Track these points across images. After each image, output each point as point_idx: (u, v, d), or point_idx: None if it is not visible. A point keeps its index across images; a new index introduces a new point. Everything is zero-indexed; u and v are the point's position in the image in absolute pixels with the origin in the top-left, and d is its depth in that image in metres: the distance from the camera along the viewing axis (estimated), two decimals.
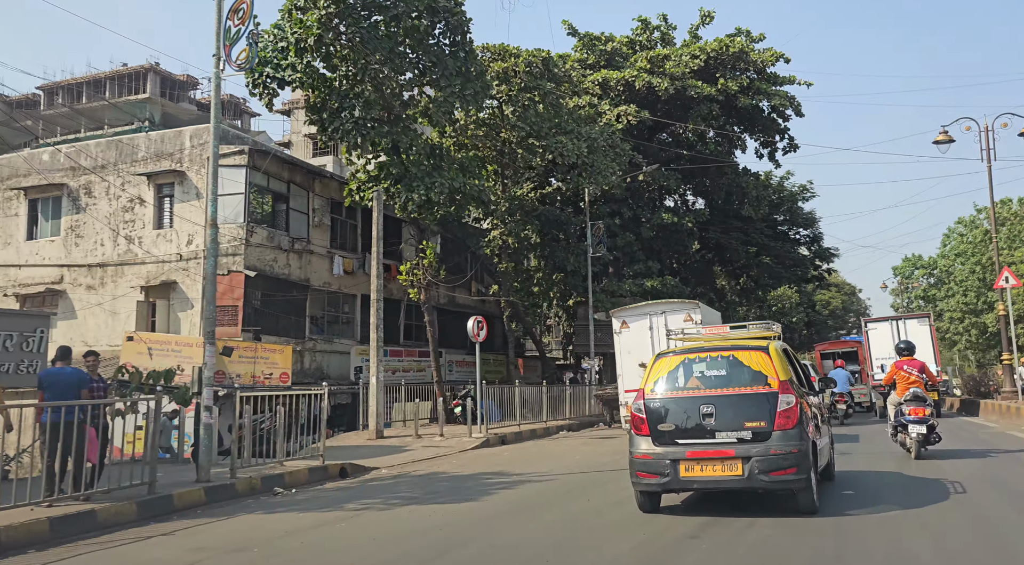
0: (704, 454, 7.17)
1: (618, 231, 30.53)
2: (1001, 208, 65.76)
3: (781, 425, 7.03)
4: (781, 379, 7.26)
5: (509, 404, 21.69)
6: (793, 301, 55.98)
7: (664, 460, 7.27)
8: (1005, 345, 21.10)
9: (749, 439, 7.08)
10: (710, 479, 7.19)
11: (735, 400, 7.31)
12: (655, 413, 7.52)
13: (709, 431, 7.22)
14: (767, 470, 6.93)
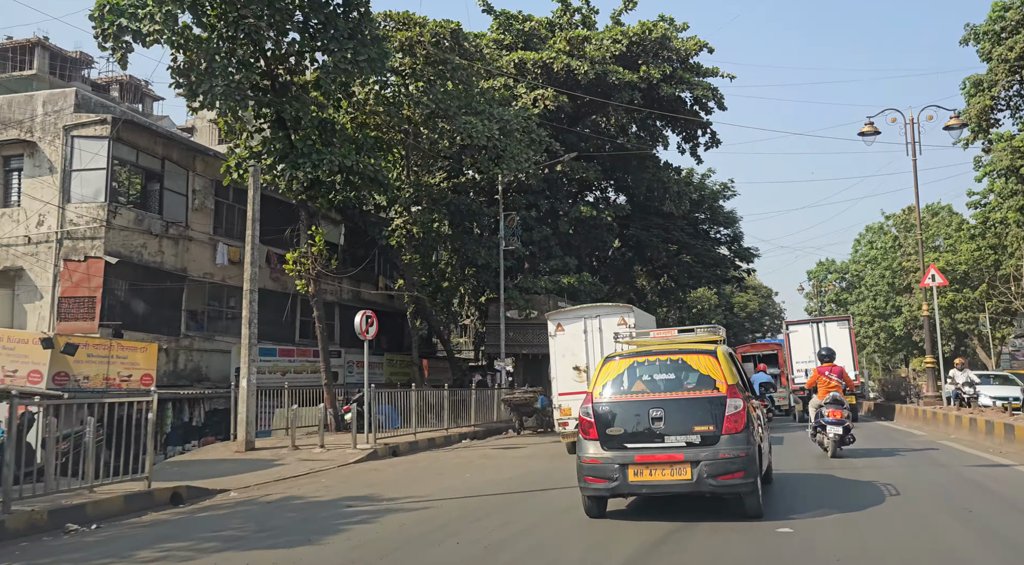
0: (653, 458, 7.09)
1: (534, 224, 28.62)
2: (908, 215, 67.26)
3: (729, 429, 7.01)
4: (729, 383, 7.24)
5: (408, 409, 19.38)
6: (712, 302, 55.41)
7: (613, 464, 7.18)
8: (929, 348, 20.07)
9: (698, 443, 7.03)
10: (659, 483, 7.11)
11: (684, 404, 7.24)
12: (604, 417, 7.39)
13: (658, 435, 7.15)
14: (715, 474, 6.90)
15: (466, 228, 27.77)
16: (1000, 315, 54.74)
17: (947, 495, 8.62)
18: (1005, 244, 46.60)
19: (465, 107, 21.67)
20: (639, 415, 7.28)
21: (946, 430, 15.74)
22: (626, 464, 7.14)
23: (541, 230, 28.45)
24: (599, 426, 7.37)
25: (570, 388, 14.88)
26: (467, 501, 9.49)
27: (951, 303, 55.39)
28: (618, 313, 15.14)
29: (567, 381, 15.13)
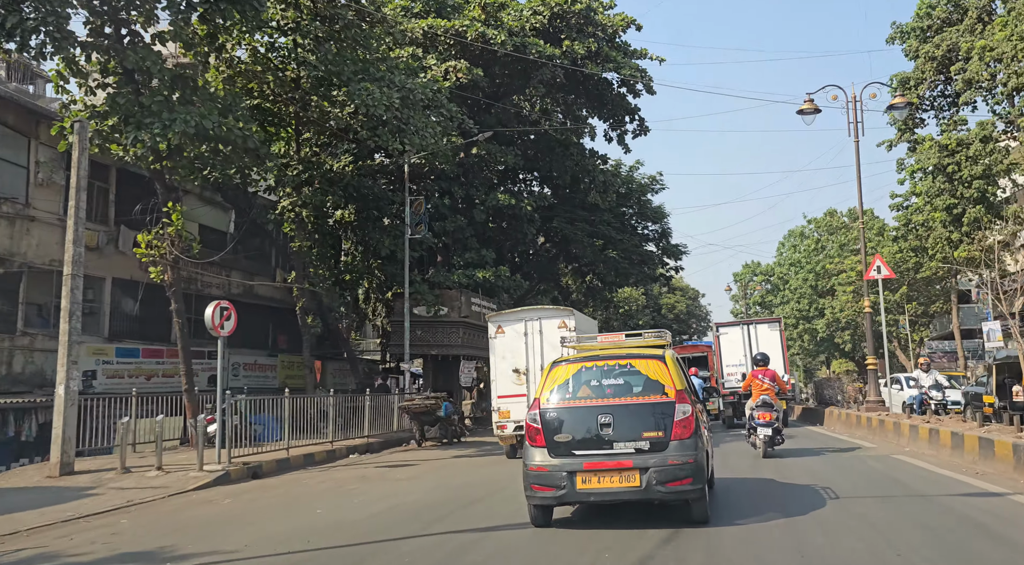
0: (602, 465, 6.87)
1: (448, 213, 25.79)
2: (830, 218, 67.27)
3: (678, 435, 6.85)
4: (678, 388, 7.09)
5: (293, 419, 16.27)
6: (640, 303, 53.62)
7: (560, 472, 6.94)
8: (871, 348, 18.13)
9: (647, 449, 6.86)
10: (608, 491, 6.91)
11: (633, 410, 7.08)
12: (551, 423, 7.17)
13: (607, 441, 6.95)
14: (664, 481, 6.74)
15: (373, 216, 24.73)
16: (919, 317, 54.76)
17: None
18: (926, 246, 46.29)
19: (362, 73, 18.69)
20: (587, 421, 7.07)
21: (897, 441, 13.63)
22: (574, 471, 6.91)
23: (455, 219, 25.64)
24: (546, 433, 7.13)
25: (510, 391, 14.47)
26: (289, 560, 6.59)
27: (873, 305, 55.13)
28: (559, 316, 14.72)
29: (507, 384, 14.59)
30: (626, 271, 32.19)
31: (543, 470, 6.99)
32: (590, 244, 30.72)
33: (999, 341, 41.66)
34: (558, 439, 7.05)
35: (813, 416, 23.50)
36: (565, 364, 7.53)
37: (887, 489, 9.12)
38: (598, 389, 7.20)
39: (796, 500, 8.38)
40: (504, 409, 14.31)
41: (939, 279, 53.19)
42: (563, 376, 7.37)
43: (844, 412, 18.19)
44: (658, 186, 34.25)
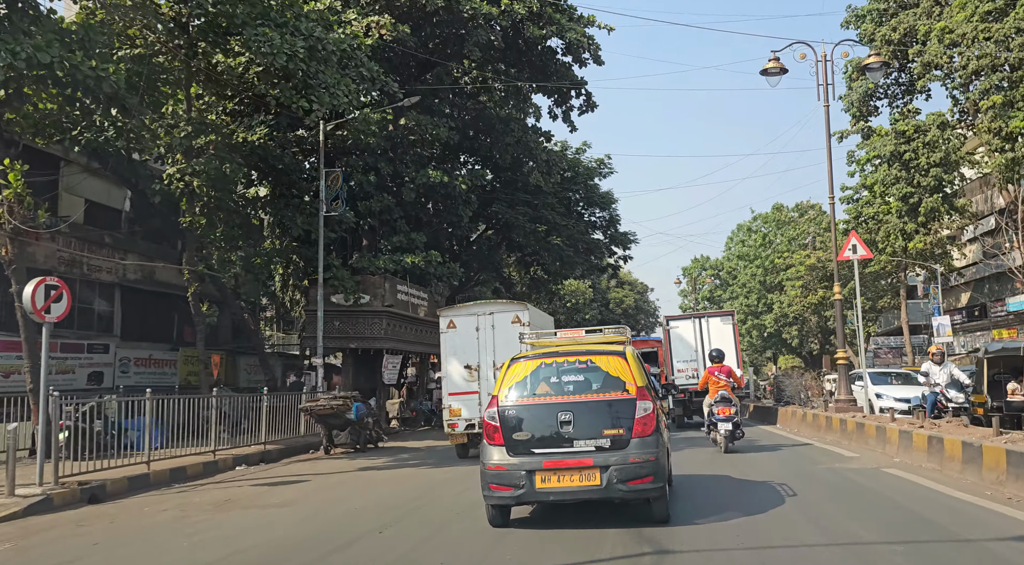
0: (562, 463, 6.67)
1: (373, 191, 22.94)
2: (777, 213, 66.28)
3: (639, 432, 6.67)
4: (639, 384, 6.89)
5: (175, 423, 13.31)
6: (587, 297, 51.42)
7: (519, 471, 6.70)
8: (841, 341, 16.00)
9: (607, 447, 6.67)
10: (567, 490, 6.68)
11: (593, 407, 6.85)
12: (510, 421, 6.92)
13: (567, 439, 6.75)
14: (625, 479, 6.56)
15: (290, 194, 21.74)
16: (867, 313, 53.89)
17: None
18: (877, 240, 45.16)
19: (262, 18, 15.78)
20: (547, 419, 6.86)
21: (883, 450, 11.37)
22: (533, 470, 6.68)
23: (382, 198, 22.80)
24: (505, 431, 6.87)
25: (460, 388, 14.03)
26: None
27: (822, 300, 54.16)
28: (512, 310, 14.21)
29: (457, 380, 14.13)
30: (571, 260, 29.76)
31: (501, 469, 6.75)
32: (532, 230, 28.20)
33: (949, 336, 40.65)
34: (517, 437, 6.83)
35: (767, 415, 21.45)
36: (524, 360, 7.27)
37: (885, 514, 6.84)
38: (558, 386, 7.00)
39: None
40: (455, 407, 13.74)
41: (887, 274, 52.40)
42: (522, 373, 7.12)
43: (808, 412, 16.03)
44: (606, 170, 31.97)
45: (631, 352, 7.33)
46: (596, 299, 55.20)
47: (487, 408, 7.12)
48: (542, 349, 7.76)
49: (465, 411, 13.53)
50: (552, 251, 29.01)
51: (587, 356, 7.13)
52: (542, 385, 7.03)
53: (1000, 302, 45.68)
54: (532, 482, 6.64)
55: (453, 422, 13.73)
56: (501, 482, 6.74)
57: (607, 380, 6.90)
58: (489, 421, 6.94)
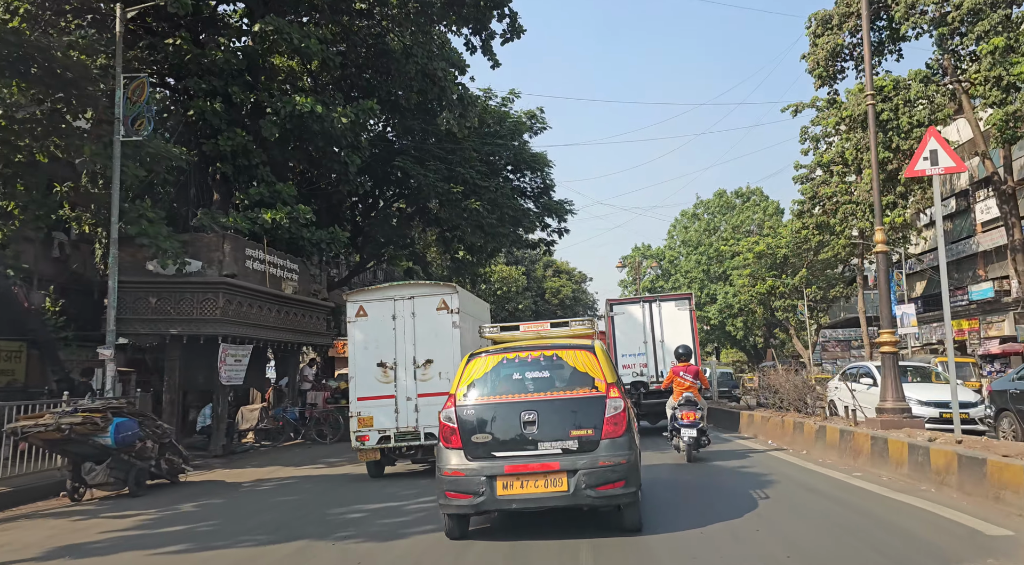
0: (525, 468, 5.98)
1: (223, 125, 16.67)
2: (719, 199, 62.07)
3: (609, 433, 5.99)
4: (608, 381, 6.20)
5: None
6: (520, 285, 45.73)
7: (479, 477, 6.00)
8: (887, 320, 10.52)
9: (575, 449, 5.98)
10: (532, 497, 5.97)
11: (560, 405, 6.12)
12: (468, 422, 6.18)
13: (531, 441, 6.03)
14: (595, 484, 5.89)
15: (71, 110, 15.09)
16: (818, 303, 49.82)
17: None
18: (833, 223, 40.87)
19: None
20: (509, 419, 6.12)
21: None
22: (494, 476, 5.98)
23: (233, 135, 16.55)
24: (463, 433, 6.17)
25: (373, 391, 10.83)
26: None
27: (770, 290, 49.88)
28: (438, 294, 11.05)
29: (369, 382, 10.89)
30: (495, 231, 23.91)
31: (459, 474, 6.04)
32: (446, 192, 22.26)
33: (913, 326, 36.43)
34: (476, 439, 6.12)
35: (724, 419, 16.26)
36: (483, 356, 6.54)
37: None
38: (521, 383, 6.30)
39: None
40: (366, 415, 10.94)
41: (841, 260, 48.44)
42: (481, 369, 6.42)
43: (828, 425, 10.48)
44: (537, 125, 26.23)
45: (600, 346, 6.64)
46: (530, 288, 49.62)
47: (443, 408, 6.34)
48: (503, 344, 7.02)
49: (379, 419, 10.82)
50: (471, 218, 23.08)
51: (552, 350, 6.44)
52: (503, 383, 6.31)
53: (960, 290, 41.99)
54: (493, 489, 5.93)
55: (363, 434, 10.91)
56: (459, 489, 6.01)
57: (574, 376, 6.23)
58: (446, 422, 6.23)
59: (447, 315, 10.68)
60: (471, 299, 12.73)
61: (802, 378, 13.39)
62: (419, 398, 10.56)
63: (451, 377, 8.70)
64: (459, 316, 10.71)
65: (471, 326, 10.92)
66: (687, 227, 62.26)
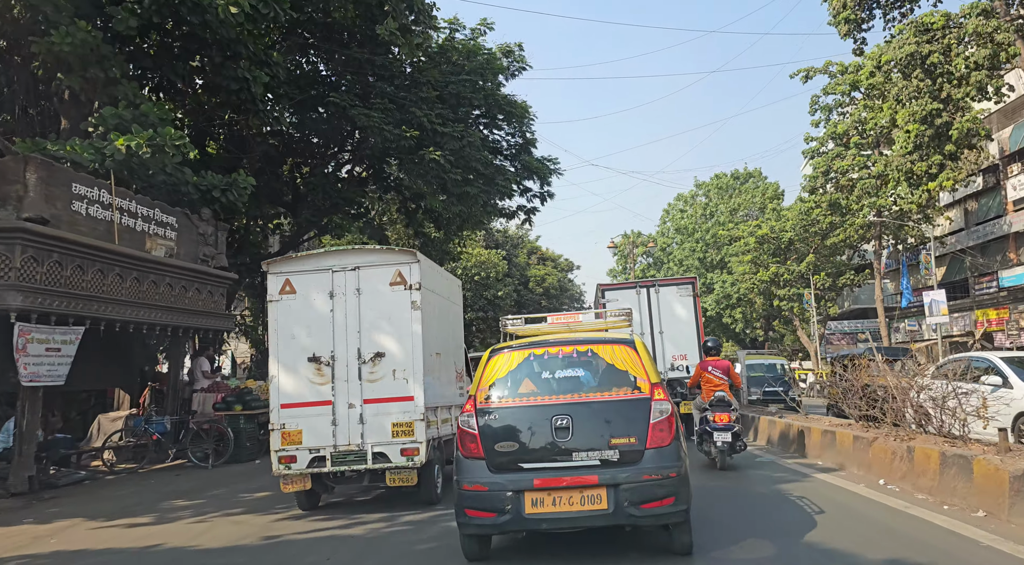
0: (558, 482, 5.09)
1: (61, 18, 11.56)
2: (716, 180, 57.24)
3: (656, 441, 5.12)
4: (652, 381, 5.33)
5: None
6: (500, 270, 40.69)
7: (504, 492, 5.12)
8: None
9: (616, 461, 5.10)
10: (565, 516, 5.07)
11: (597, 409, 5.26)
12: (491, 428, 5.30)
13: (564, 451, 5.16)
14: (639, 501, 5.01)
15: None
16: (825, 291, 45.06)
17: None
18: (848, 202, 36.08)
19: None
20: (539, 425, 5.25)
21: None
22: (521, 491, 5.11)
23: (76, 30, 11.41)
24: (484, 440, 5.29)
25: (302, 396, 8.00)
26: None
27: (773, 277, 45.11)
28: (391, 264, 8.18)
29: (297, 383, 8.03)
30: (461, 190, 18.81)
31: (481, 489, 5.19)
32: (395, 137, 17.25)
33: (944, 314, 31.69)
34: (500, 448, 5.25)
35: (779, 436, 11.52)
36: (507, 352, 5.64)
37: None
38: (551, 383, 5.43)
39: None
40: (292, 427, 7.84)
41: (851, 245, 43.69)
42: (505, 367, 5.53)
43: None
44: (515, 65, 21.17)
45: (640, 342, 5.65)
46: (512, 275, 44.59)
47: (462, 412, 5.50)
48: (528, 337, 6.24)
49: (310, 434, 7.79)
50: (430, 175, 18.02)
51: (587, 345, 5.55)
52: (531, 383, 5.45)
53: (987, 277, 37.28)
54: (520, 506, 5.10)
55: (288, 454, 7.76)
56: (481, 506, 5.18)
57: (613, 375, 5.37)
58: (465, 429, 5.38)
59: (404, 292, 8.06)
60: (437, 273, 9.61)
61: (909, 370, 8.42)
62: (365, 405, 7.88)
63: (409, 377, 7.55)
64: (421, 294, 8.04)
65: (438, 308, 8.74)
66: (682, 211, 57.39)
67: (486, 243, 43.16)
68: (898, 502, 6.76)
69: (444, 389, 8.83)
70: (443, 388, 8.78)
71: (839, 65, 36.18)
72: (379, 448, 7.70)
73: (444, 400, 8.75)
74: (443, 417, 8.60)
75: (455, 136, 18.05)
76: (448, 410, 8.90)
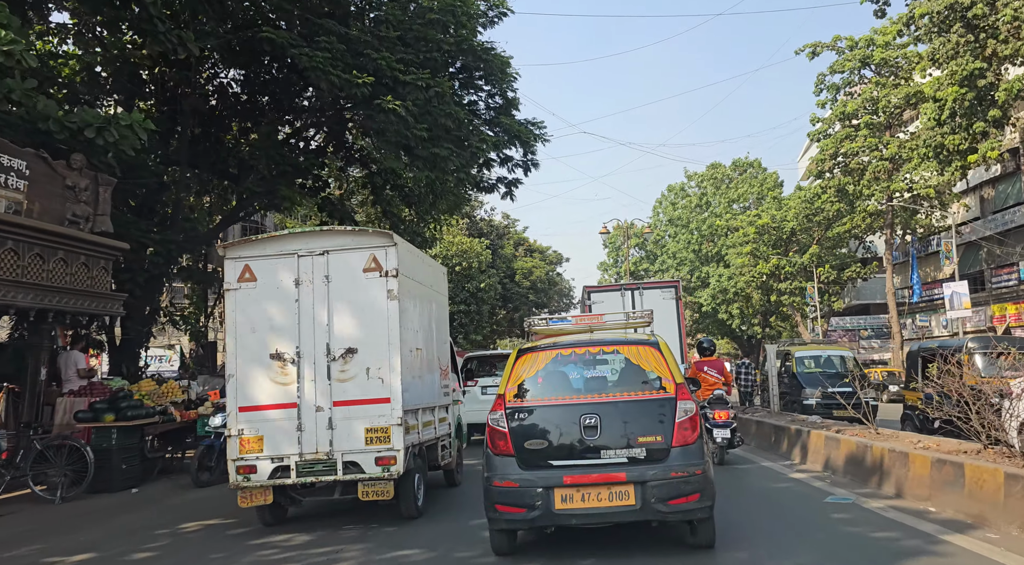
0: (587, 479, 5.19)
1: None
2: (712, 170, 54.13)
3: (681, 439, 5.23)
4: (677, 381, 5.42)
5: None
6: (483, 260, 37.43)
7: (534, 488, 5.23)
8: None
9: (643, 458, 5.22)
10: (594, 511, 5.19)
11: (624, 408, 5.36)
12: (521, 427, 5.40)
13: (593, 449, 5.28)
14: (666, 497, 5.11)
15: None
16: (829, 285, 42.00)
17: None
18: (859, 187, 32.99)
19: None
20: (567, 423, 5.35)
21: None
22: (551, 487, 5.21)
23: None
24: (514, 438, 5.38)
25: (263, 397, 7.12)
26: None
27: (774, 270, 42.05)
28: (365, 248, 7.31)
29: (258, 382, 7.16)
30: (431, 154, 15.45)
31: (511, 485, 5.28)
32: (344, 83, 13.99)
33: (967, 308, 28.68)
34: (530, 446, 5.35)
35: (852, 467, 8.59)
36: (534, 352, 5.71)
37: None
38: (579, 383, 5.57)
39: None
40: (252, 434, 7.00)
41: (856, 236, 40.65)
42: (532, 367, 5.62)
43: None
44: (496, 10, 17.85)
45: (664, 342, 5.73)
46: (497, 266, 41.32)
47: (492, 410, 5.56)
48: (553, 338, 6.15)
49: (273, 441, 6.94)
50: (389, 130, 14.67)
51: (613, 345, 5.64)
52: (559, 382, 5.56)
53: (1006, 268, 34.34)
54: (550, 501, 5.19)
55: (247, 463, 6.91)
56: (511, 502, 5.28)
57: (639, 376, 5.45)
58: (495, 426, 5.47)
59: (380, 280, 7.11)
60: (419, 259, 8.61)
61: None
62: (335, 408, 6.92)
63: (384, 376, 6.93)
64: (399, 281, 7.10)
65: (419, 298, 7.87)
66: (673, 203, 54.22)
67: (469, 231, 39.88)
68: None
69: (426, 389, 7.96)
70: (425, 388, 7.92)
71: (848, 39, 33.10)
72: (351, 457, 6.87)
73: (426, 401, 7.89)
74: (425, 420, 7.80)
75: (419, 85, 14.70)
76: (431, 412, 8.09)
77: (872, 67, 32.12)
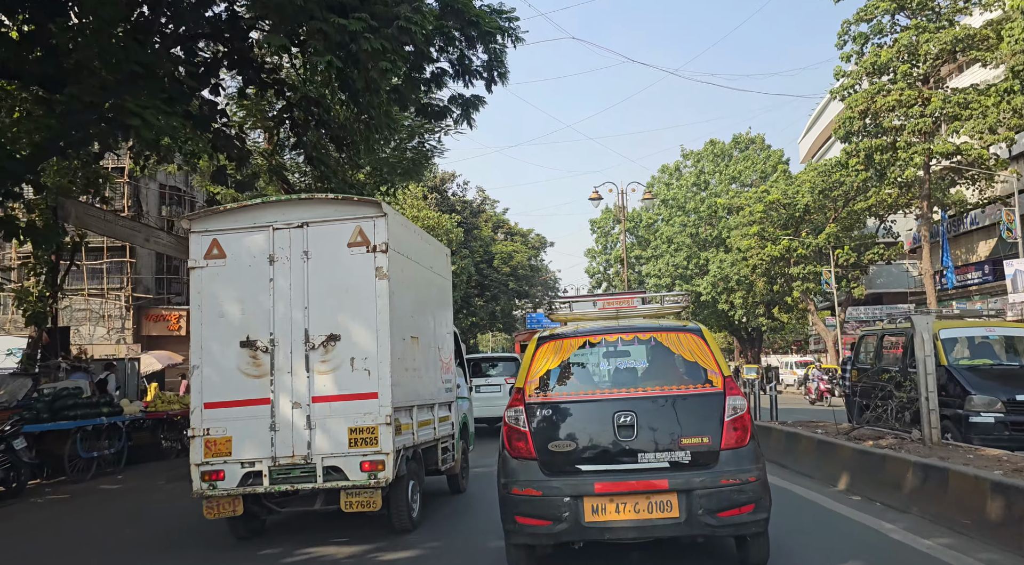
0: (622, 486, 4.35)
1: None
2: (711, 147, 48.79)
3: (732, 441, 4.41)
4: (725, 374, 4.60)
5: None
6: (454, 239, 31.74)
7: (561, 497, 4.38)
8: None
9: (688, 463, 4.39)
10: (631, 524, 4.33)
11: (664, 405, 4.51)
12: (544, 426, 4.57)
13: (628, 452, 4.43)
14: (716, 509, 4.29)
15: None
16: (848, 269, 36.72)
17: None
18: (881, 159, 27.70)
19: None
20: (598, 422, 4.51)
21: None
22: (580, 496, 4.37)
23: None
24: (536, 439, 4.55)
25: (232, 392, 6.16)
26: None
27: (784, 252, 36.77)
28: (350, 219, 6.25)
29: (226, 374, 6.21)
30: (353, 49, 9.66)
31: (533, 494, 4.43)
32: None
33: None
34: (555, 448, 4.50)
35: None
36: (558, 340, 4.82)
37: None
38: (610, 376, 4.81)
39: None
40: (219, 434, 6.06)
41: (878, 214, 35.40)
42: (556, 357, 4.74)
43: None
44: None
45: (707, 330, 4.88)
46: (472, 248, 35.69)
47: (509, 407, 4.70)
48: (578, 324, 5.17)
49: (242, 443, 6.01)
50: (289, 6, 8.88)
51: (649, 333, 4.75)
52: (587, 374, 4.80)
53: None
54: (579, 513, 4.33)
55: (213, 468, 5.99)
56: (533, 513, 4.41)
57: (681, 367, 4.64)
58: (513, 425, 4.61)
59: (367, 256, 6.14)
60: (414, 233, 7.33)
61: None
62: (314, 404, 5.97)
63: (371, 367, 5.92)
64: (389, 258, 6.12)
65: (414, 278, 6.85)
66: (667, 184, 48.68)
67: (439, 208, 34.19)
68: None
69: (422, 384, 6.90)
70: (421, 383, 6.84)
71: None
72: (332, 461, 5.89)
73: (422, 398, 6.84)
74: (421, 419, 6.77)
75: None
76: (430, 410, 7.10)
77: (909, 10, 26.74)
